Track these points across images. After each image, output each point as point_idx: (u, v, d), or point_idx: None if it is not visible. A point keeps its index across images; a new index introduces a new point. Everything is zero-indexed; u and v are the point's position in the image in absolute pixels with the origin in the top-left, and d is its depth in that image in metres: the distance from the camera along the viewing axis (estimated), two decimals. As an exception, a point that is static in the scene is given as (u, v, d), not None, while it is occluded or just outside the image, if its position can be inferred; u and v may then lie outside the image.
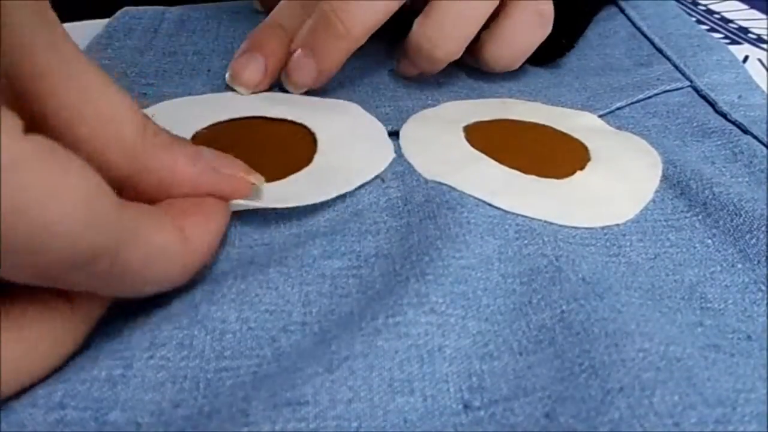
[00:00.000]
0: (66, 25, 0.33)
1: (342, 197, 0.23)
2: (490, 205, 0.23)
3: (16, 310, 0.15)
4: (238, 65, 0.28)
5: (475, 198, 0.23)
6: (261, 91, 0.28)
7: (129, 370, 0.17)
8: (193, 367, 0.17)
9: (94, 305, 0.17)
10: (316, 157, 0.24)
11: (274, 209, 0.22)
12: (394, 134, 0.27)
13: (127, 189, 0.18)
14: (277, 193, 0.22)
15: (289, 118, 0.26)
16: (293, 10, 0.29)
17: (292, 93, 0.28)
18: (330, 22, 0.26)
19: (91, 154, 0.16)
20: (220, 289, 0.19)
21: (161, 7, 0.35)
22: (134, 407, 0.16)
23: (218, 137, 0.25)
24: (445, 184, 0.23)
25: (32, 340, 0.15)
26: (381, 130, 0.26)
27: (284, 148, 0.25)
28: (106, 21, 0.33)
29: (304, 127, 0.26)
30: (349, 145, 0.25)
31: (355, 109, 0.28)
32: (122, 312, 0.18)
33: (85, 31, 0.33)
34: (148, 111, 0.19)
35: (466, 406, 0.17)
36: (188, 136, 0.25)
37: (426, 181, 0.24)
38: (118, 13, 0.34)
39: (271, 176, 0.23)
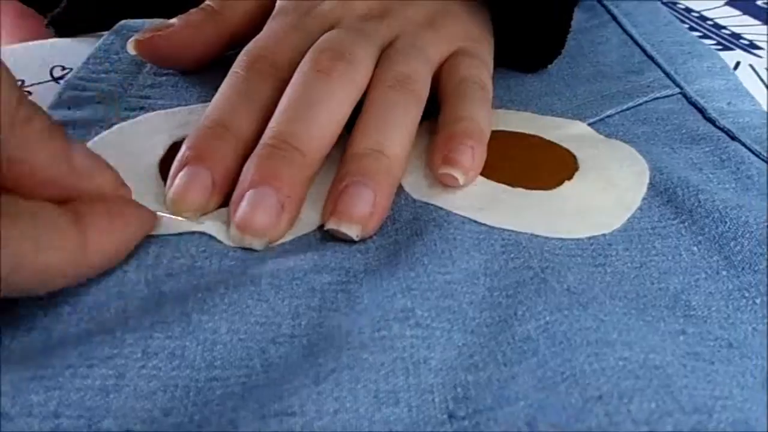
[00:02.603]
0: (64, 39, 0.34)
1: None
2: (476, 222, 0.23)
3: None
4: (178, 186, 0.22)
5: (462, 216, 0.23)
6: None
7: (122, 379, 0.17)
8: (184, 377, 0.18)
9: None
10: None
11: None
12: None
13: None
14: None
15: None
16: (235, 104, 0.24)
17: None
18: (287, 152, 0.22)
19: None
20: (212, 299, 0.19)
21: (159, 20, 0.36)
22: (126, 415, 0.17)
23: None
24: (432, 204, 0.24)
25: None
26: None
27: None
28: (104, 34, 0.34)
29: None
30: (323, 171, 0.25)
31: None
32: (114, 313, 0.19)
33: (83, 44, 0.33)
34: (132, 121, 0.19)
35: (450, 416, 0.17)
36: (168, 143, 0.26)
37: (414, 201, 0.24)
38: (116, 26, 0.34)
39: None
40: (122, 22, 0.35)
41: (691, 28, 0.40)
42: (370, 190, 0.22)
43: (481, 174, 0.25)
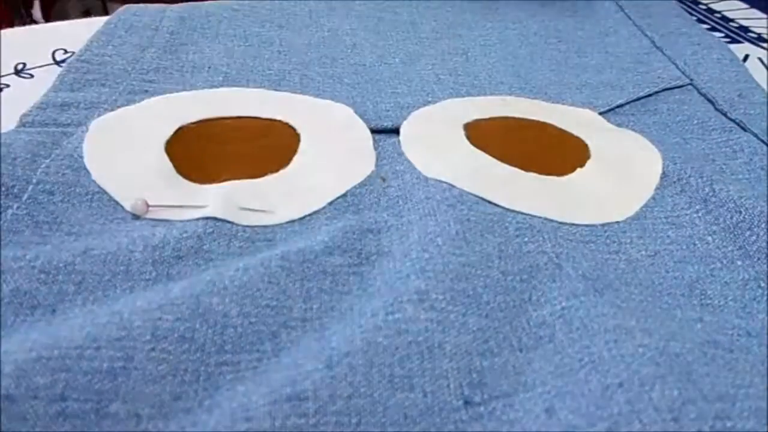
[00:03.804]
0: (67, 22, 0.34)
1: (343, 195, 0.23)
2: (490, 202, 0.23)
3: None
4: None
5: (475, 196, 0.23)
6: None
7: (130, 362, 0.17)
8: (194, 360, 0.17)
9: None
10: (296, 158, 0.24)
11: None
12: (394, 131, 0.27)
13: None
14: (249, 198, 0.22)
15: (278, 117, 0.26)
16: None
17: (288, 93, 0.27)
18: None
19: None
20: (222, 281, 0.19)
21: (162, 5, 0.35)
22: (135, 399, 0.16)
23: (203, 132, 0.25)
24: (445, 182, 0.23)
25: None
26: (367, 138, 0.26)
27: (266, 146, 0.25)
28: (106, 18, 0.33)
29: (291, 127, 0.26)
30: (331, 149, 0.25)
31: (346, 112, 0.28)
32: (121, 296, 0.19)
33: (85, 28, 0.33)
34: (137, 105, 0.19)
35: (466, 402, 0.17)
36: (175, 126, 0.25)
37: (426, 179, 0.24)
38: (119, 10, 0.34)
39: (249, 173, 0.23)
40: (125, 6, 0.34)
41: (699, 21, 0.40)
42: None
43: (494, 157, 0.25)
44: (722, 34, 0.39)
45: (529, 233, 0.22)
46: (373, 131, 0.26)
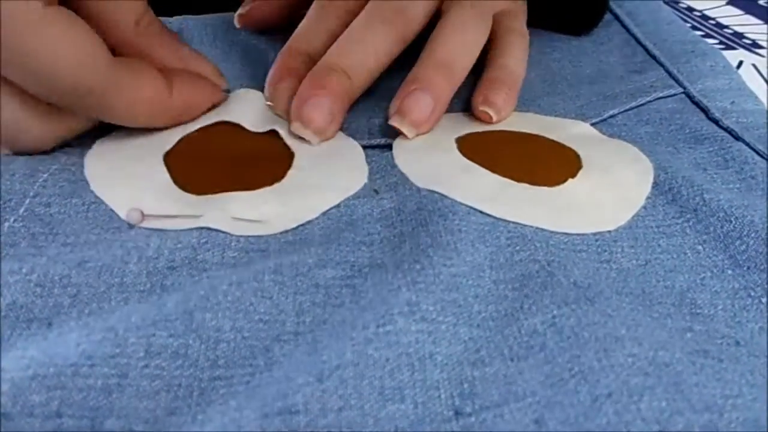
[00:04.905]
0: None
1: (336, 207, 0.23)
2: (481, 212, 0.23)
3: None
4: (272, 95, 0.28)
5: (467, 206, 0.23)
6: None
7: (124, 379, 0.17)
8: (187, 376, 0.17)
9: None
10: (290, 172, 0.25)
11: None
12: (387, 147, 0.27)
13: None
14: (243, 209, 0.23)
15: (274, 132, 0.27)
16: (316, 35, 0.29)
17: None
18: (337, 74, 0.27)
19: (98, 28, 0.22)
20: (215, 296, 0.19)
21: (161, 18, 0.35)
22: (129, 415, 0.16)
23: (200, 144, 0.26)
24: (438, 193, 0.24)
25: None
26: (359, 154, 0.26)
27: (261, 159, 0.25)
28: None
29: (286, 143, 0.26)
30: (324, 165, 0.25)
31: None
32: (116, 308, 0.19)
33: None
34: None
35: (457, 413, 0.17)
36: (177, 138, 0.26)
37: (419, 190, 0.24)
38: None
39: (243, 185, 0.24)
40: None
41: (694, 28, 0.40)
42: (430, 97, 0.27)
43: (485, 167, 0.25)
44: (716, 41, 0.39)
45: (521, 242, 0.22)
46: (366, 147, 0.27)
